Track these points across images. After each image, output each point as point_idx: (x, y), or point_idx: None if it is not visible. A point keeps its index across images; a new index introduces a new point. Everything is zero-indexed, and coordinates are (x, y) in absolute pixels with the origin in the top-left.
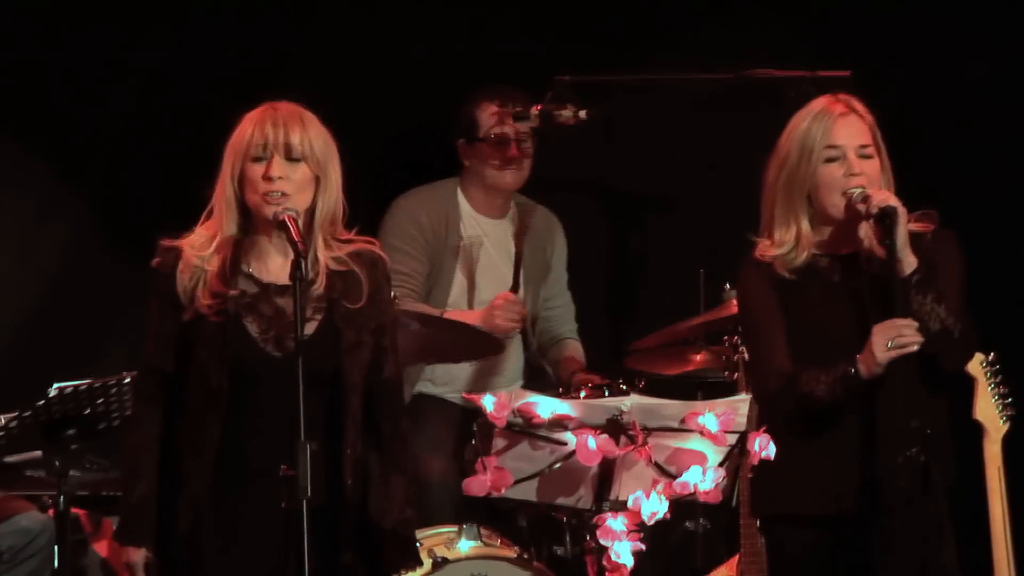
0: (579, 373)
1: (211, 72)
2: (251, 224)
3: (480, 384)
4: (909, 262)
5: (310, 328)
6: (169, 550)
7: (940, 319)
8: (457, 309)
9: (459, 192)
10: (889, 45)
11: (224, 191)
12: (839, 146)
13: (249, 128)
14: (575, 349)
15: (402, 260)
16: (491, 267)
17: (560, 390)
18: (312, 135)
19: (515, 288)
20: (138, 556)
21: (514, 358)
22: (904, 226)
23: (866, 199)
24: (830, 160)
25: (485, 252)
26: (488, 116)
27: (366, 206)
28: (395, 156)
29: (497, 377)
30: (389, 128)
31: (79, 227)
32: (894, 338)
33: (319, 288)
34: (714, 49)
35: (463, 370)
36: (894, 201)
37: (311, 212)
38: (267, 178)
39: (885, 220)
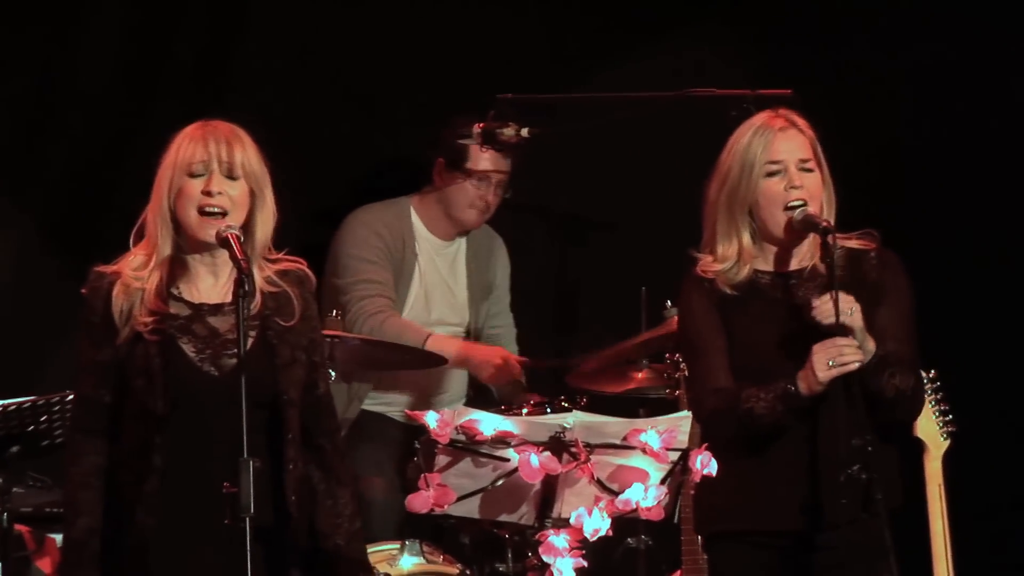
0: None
1: (156, 91)
2: (183, 243)
3: (424, 402)
4: (868, 349)
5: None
6: None
7: (895, 388)
8: (415, 325)
9: (412, 211)
10: (829, 64)
11: (160, 208)
12: (780, 161)
13: (187, 144)
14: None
15: (371, 270)
16: (443, 287)
17: (503, 407)
18: (250, 154)
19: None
20: None
21: (458, 377)
22: (872, 343)
23: (806, 216)
24: (771, 175)
25: (437, 272)
26: (482, 153)
27: (308, 225)
28: (338, 176)
29: (442, 396)
30: (330, 147)
31: (23, 246)
32: (835, 357)
33: (255, 307)
34: (657, 68)
35: (407, 388)
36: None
37: (246, 231)
38: (207, 192)
39: (827, 236)
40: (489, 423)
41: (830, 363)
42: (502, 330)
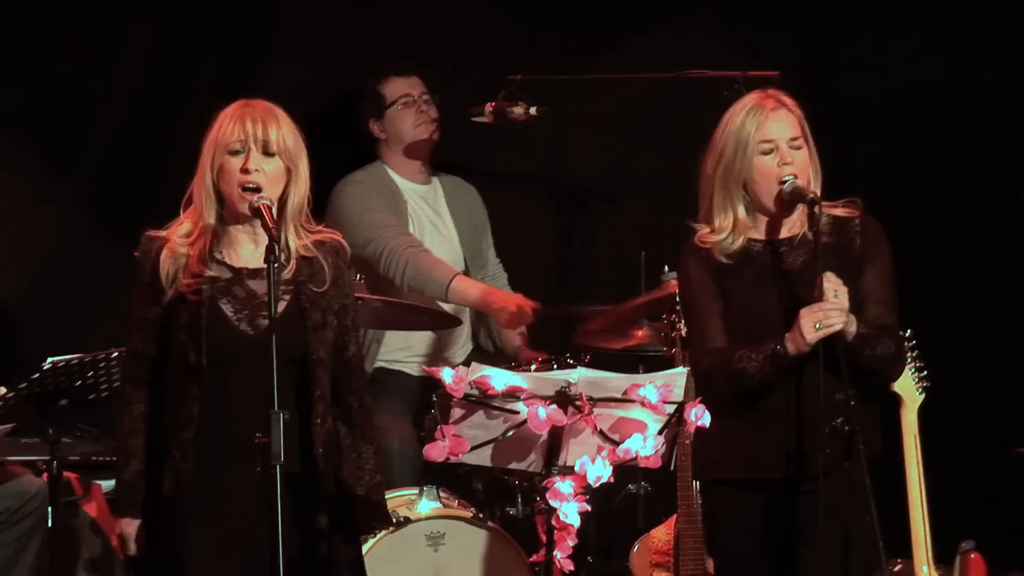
0: (524, 350)
1: (197, 66)
2: (225, 213)
3: (437, 351)
4: (850, 331)
5: (279, 307)
6: (153, 517)
7: (876, 358)
8: (445, 264)
9: (385, 167)
10: (812, 49)
11: (204, 182)
12: (772, 140)
13: (228, 124)
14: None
15: (383, 217)
16: (432, 231)
17: (512, 364)
18: (285, 131)
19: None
20: (132, 527)
21: (465, 323)
22: (854, 325)
23: (794, 188)
24: (764, 153)
25: (426, 216)
26: (389, 86)
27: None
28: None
29: (452, 344)
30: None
31: (71, 212)
32: (821, 320)
33: (289, 272)
34: (655, 50)
35: (421, 343)
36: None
37: (283, 202)
38: (244, 170)
39: (814, 206)
40: (500, 379)
41: (816, 325)
42: (490, 269)
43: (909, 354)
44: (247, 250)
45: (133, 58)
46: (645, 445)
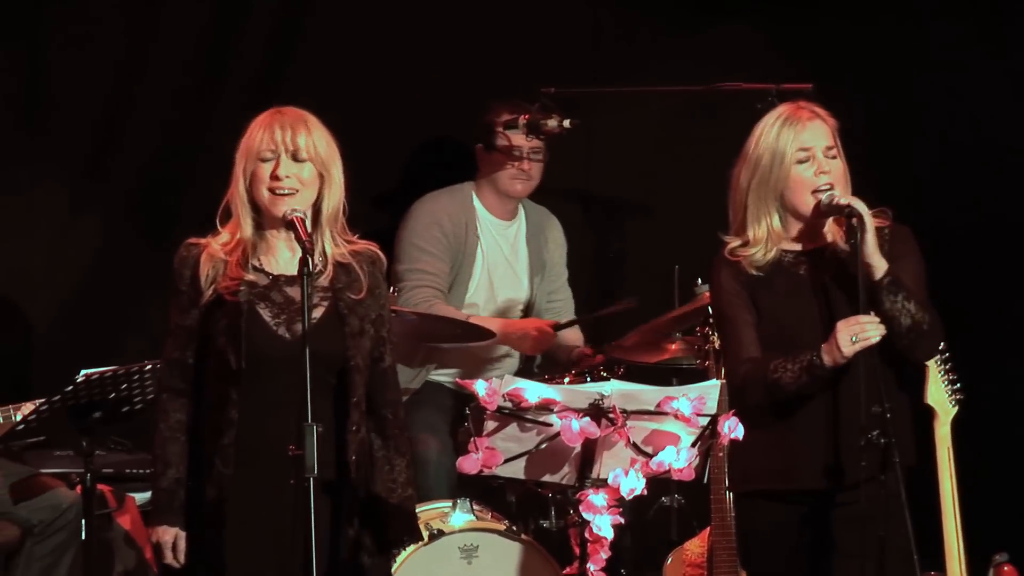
0: (578, 348)
1: (229, 79)
2: (262, 220)
3: (480, 371)
4: (880, 266)
5: (317, 313)
6: (196, 525)
7: (911, 314)
8: (474, 305)
9: (474, 196)
10: (845, 62)
11: (238, 191)
12: (809, 148)
13: (258, 132)
14: (575, 334)
15: (428, 261)
16: (504, 265)
17: (546, 376)
18: (316, 138)
19: None
20: (169, 535)
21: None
22: (873, 234)
23: (833, 200)
24: (800, 161)
25: (499, 252)
26: (509, 133)
27: (382, 208)
28: (408, 161)
29: (495, 363)
30: (402, 134)
31: (105, 225)
32: (858, 333)
33: (326, 279)
34: (688, 64)
35: (467, 363)
36: (860, 205)
37: (317, 209)
38: (275, 176)
39: (851, 219)
40: (534, 391)
41: (853, 339)
42: (560, 304)
43: (943, 367)
44: (284, 257)
45: (170, 70)
46: (678, 458)
